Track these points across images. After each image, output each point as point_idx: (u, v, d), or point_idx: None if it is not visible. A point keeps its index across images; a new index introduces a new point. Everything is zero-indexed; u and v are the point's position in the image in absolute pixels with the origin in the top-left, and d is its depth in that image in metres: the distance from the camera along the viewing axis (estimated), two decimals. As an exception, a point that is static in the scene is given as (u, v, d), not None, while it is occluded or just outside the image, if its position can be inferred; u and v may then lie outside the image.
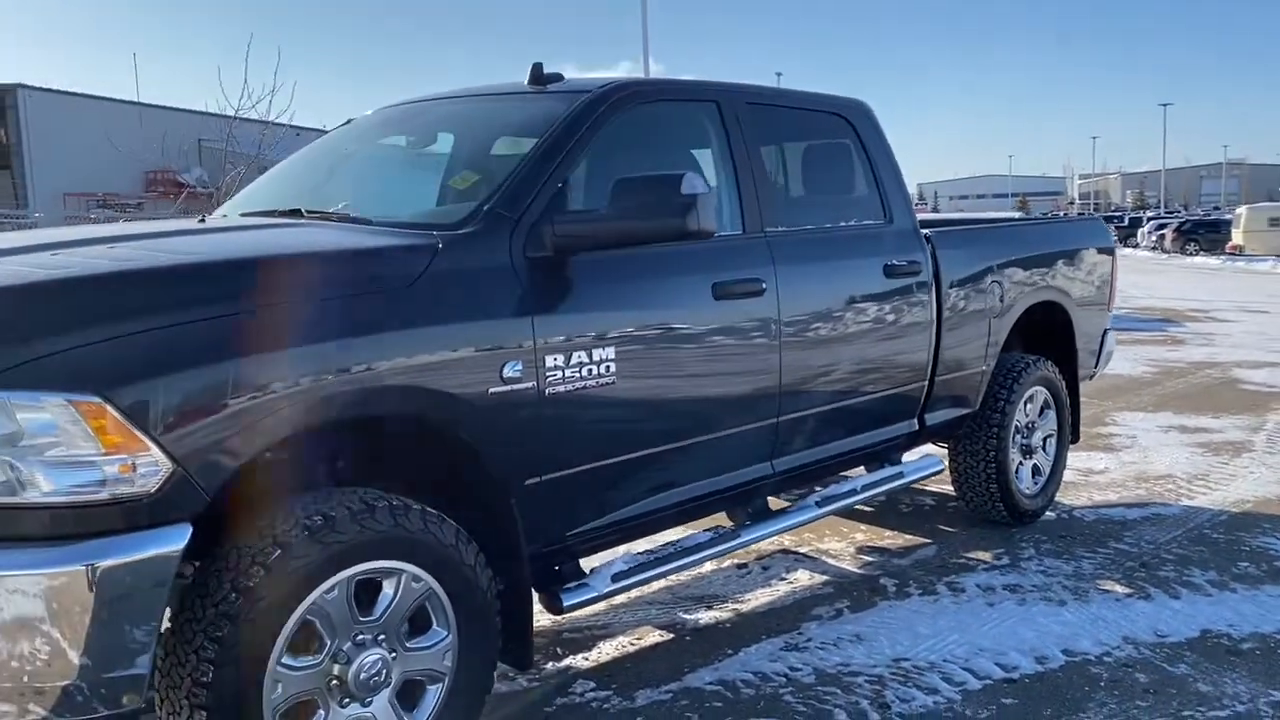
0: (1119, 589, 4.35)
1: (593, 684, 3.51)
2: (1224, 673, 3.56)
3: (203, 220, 3.33)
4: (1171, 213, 62.88)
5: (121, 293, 2.47)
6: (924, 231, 4.47)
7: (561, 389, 3.00)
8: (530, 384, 2.93)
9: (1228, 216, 43.59)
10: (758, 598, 4.30)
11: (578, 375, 3.04)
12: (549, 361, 2.97)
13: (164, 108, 33.59)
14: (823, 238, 3.99)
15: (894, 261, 4.20)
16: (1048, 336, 5.39)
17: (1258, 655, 3.70)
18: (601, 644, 3.84)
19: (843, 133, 4.31)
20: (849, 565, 4.69)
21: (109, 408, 2.22)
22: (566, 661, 3.68)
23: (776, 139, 3.99)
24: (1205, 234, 40.52)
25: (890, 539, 5.05)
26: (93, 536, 2.24)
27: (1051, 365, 5.30)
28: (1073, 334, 5.46)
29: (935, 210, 54.50)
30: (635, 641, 3.87)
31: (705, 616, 4.10)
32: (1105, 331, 5.83)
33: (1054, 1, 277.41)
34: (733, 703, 3.37)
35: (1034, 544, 4.94)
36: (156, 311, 2.39)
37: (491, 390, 2.84)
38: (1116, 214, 68.03)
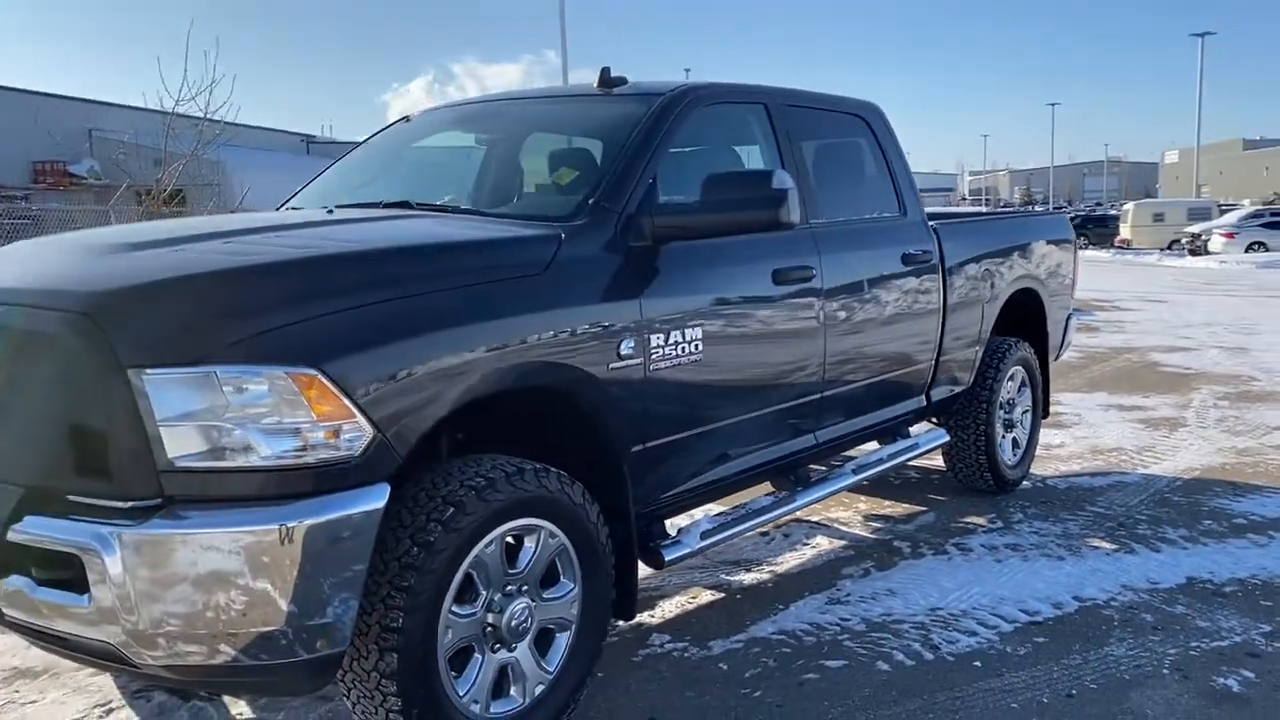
0: (1106, 545, 4.84)
1: (667, 637, 3.83)
2: (1215, 611, 4.05)
3: (331, 211, 3.54)
4: (1059, 208, 65.42)
5: (326, 275, 2.71)
6: (931, 224, 4.89)
7: (662, 365, 3.32)
8: (639, 360, 3.24)
9: (1114, 212, 45.71)
10: (788, 561, 4.67)
11: (674, 353, 3.36)
12: (653, 340, 3.28)
13: (51, 95, 32.45)
14: (855, 229, 4.37)
15: (910, 251, 4.61)
16: (1023, 321, 5.87)
17: (1240, 596, 4.21)
18: (661, 604, 4.16)
19: (861, 132, 4.71)
20: (861, 531, 5.09)
21: (322, 379, 2.46)
22: (635, 619, 3.99)
23: (810, 137, 4.34)
24: (1094, 228, 42.41)
25: (890, 508, 5.48)
26: (304, 497, 2.48)
27: (1028, 347, 5.79)
28: (1045, 318, 5.96)
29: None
30: (691, 600, 4.20)
31: (747, 578, 4.45)
32: (1069, 316, 6.36)
33: (951, 6, 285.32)
34: (799, 649, 3.73)
35: (1020, 510, 5.41)
36: (356, 291, 2.64)
37: (611, 366, 3.15)
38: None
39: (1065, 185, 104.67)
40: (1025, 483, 5.89)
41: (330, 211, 3.54)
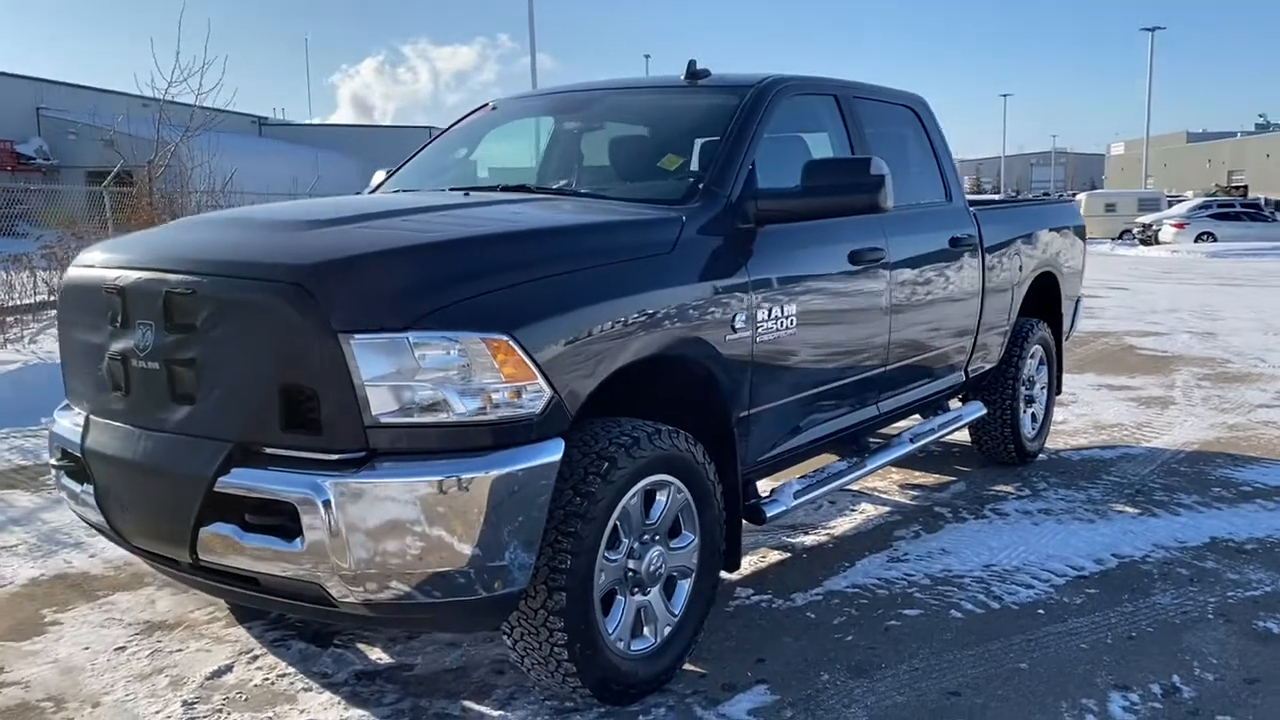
0: (1130, 509, 5.22)
1: (750, 590, 4.14)
2: (1242, 565, 4.44)
3: (467, 194, 3.78)
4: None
5: (506, 250, 2.98)
6: (971, 210, 5.23)
7: (765, 338, 3.62)
8: (749, 333, 3.53)
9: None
10: (841, 525, 4.99)
11: (774, 327, 3.66)
12: (759, 315, 3.58)
13: (-2, 74, 31.81)
14: (913, 213, 4.68)
15: (957, 234, 4.95)
16: (1041, 303, 6.23)
17: (1261, 553, 4.60)
18: (736, 562, 4.46)
19: (911, 121, 5.03)
20: (901, 499, 5.43)
21: (512, 344, 2.73)
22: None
23: (872, 126, 4.65)
24: (1048, 218, 43.20)
25: (922, 478, 5.82)
26: (493, 450, 2.74)
27: (1046, 327, 6.16)
28: (1060, 300, 6.34)
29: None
30: (762, 560, 4.50)
31: (808, 540, 4.77)
32: (1078, 300, 6.75)
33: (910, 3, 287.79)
34: (875, 600, 4.05)
35: (1043, 479, 5.79)
36: (533, 265, 2.91)
37: (727, 338, 3.44)
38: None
39: (1014, 175, 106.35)
40: (1041, 455, 6.27)
41: (466, 194, 3.79)
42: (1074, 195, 47.02)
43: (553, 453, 2.81)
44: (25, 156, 40.73)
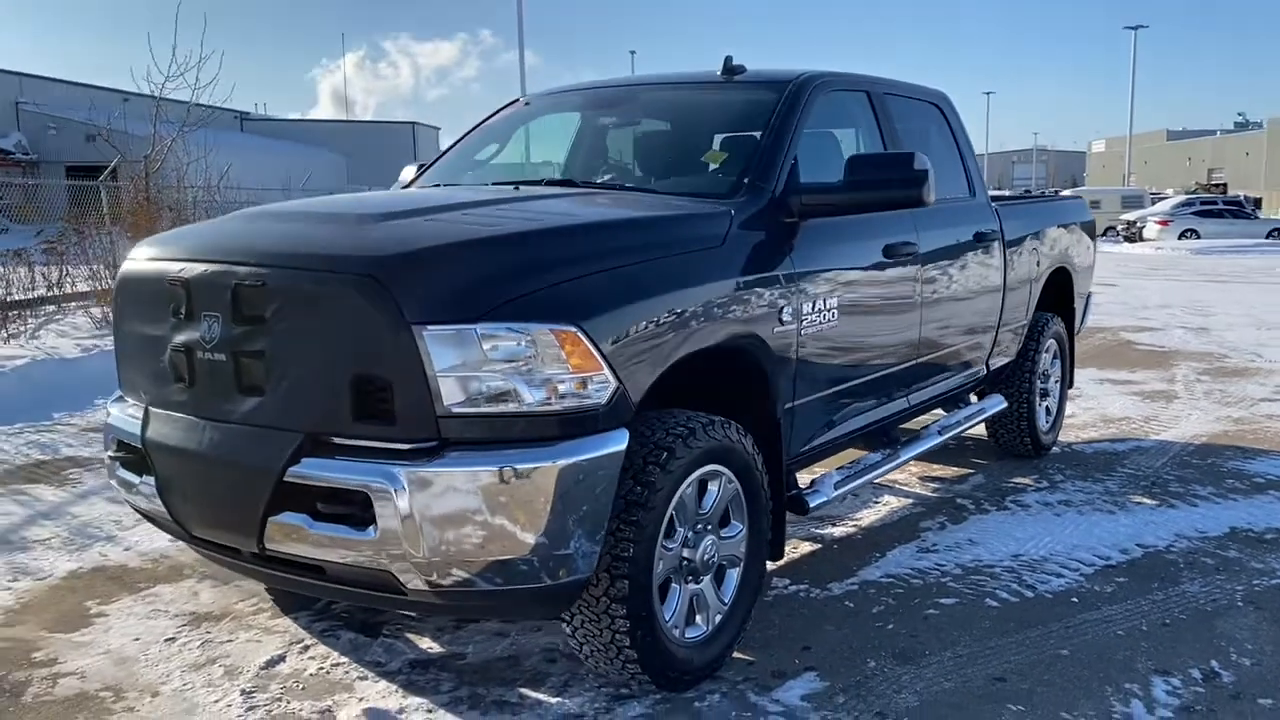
0: (1148, 501, 5.30)
1: (787, 580, 4.19)
2: (1265, 555, 4.52)
3: (517, 189, 3.81)
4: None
5: (571, 243, 3.02)
6: (993, 205, 5.29)
7: (809, 330, 3.67)
8: (794, 325, 3.58)
9: (1050, 199, 46.88)
10: (867, 517, 5.05)
11: (818, 320, 3.71)
12: (804, 308, 3.63)
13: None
14: (940, 209, 4.72)
15: (982, 230, 5.01)
16: (1055, 298, 6.31)
17: (1281, 543, 4.70)
18: (769, 553, 4.51)
19: (936, 118, 5.09)
20: (922, 491, 5.50)
21: (580, 335, 2.77)
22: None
23: (900, 122, 4.70)
24: (1032, 215, 43.49)
25: (940, 471, 5.89)
26: (561, 439, 2.78)
27: (1060, 322, 6.24)
28: (1073, 296, 6.42)
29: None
30: (794, 550, 4.55)
31: (837, 531, 4.83)
32: (1088, 296, 6.83)
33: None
34: (911, 589, 4.11)
35: (1059, 471, 5.87)
36: (597, 258, 2.95)
37: (775, 330, 3.49)
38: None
39: (995, 172, 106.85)
40: (1055, 448, 6.34)
41: (516, 188, 3.82)
42: (1057, 192, 47.24)
43: (618, 442, 2.85)
44: (4, 151, 40.41)
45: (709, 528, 3.28)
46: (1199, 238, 33.24)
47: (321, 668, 3.42)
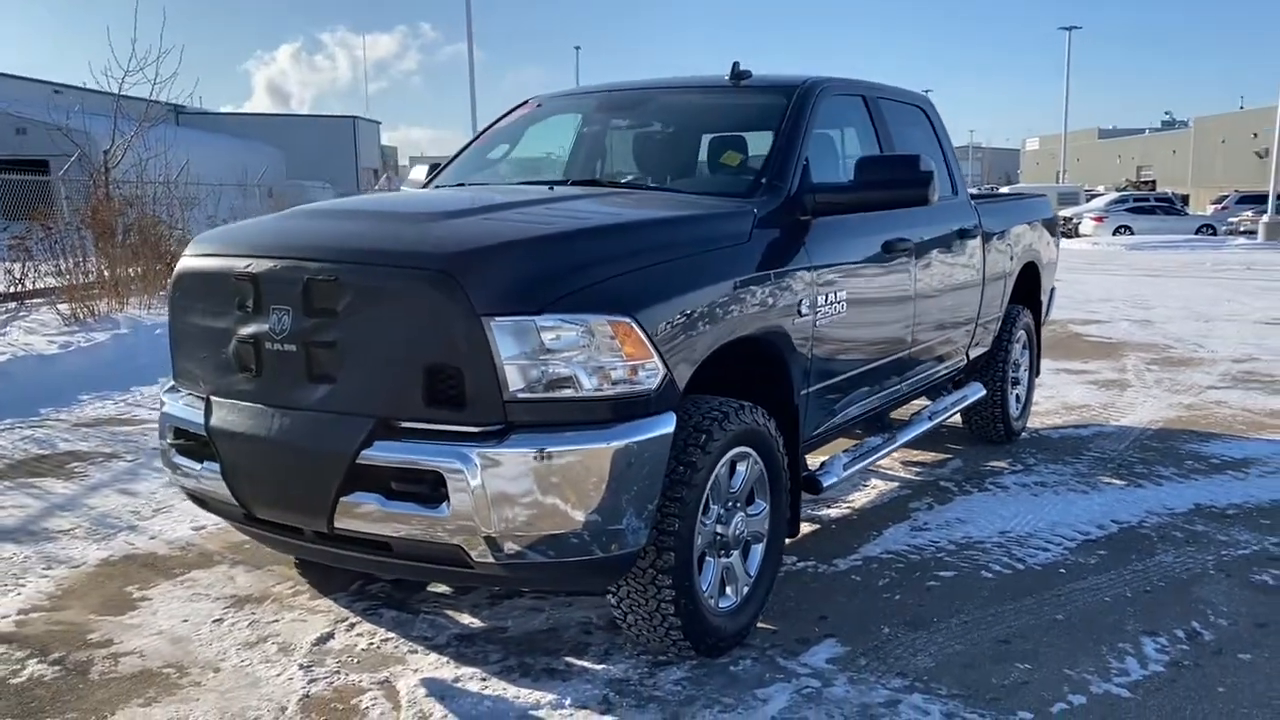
0: (1117, 481, 5.65)
1: (794, 558, 4.44)
2: (1228, 528, 4.88)
3: (552, 188, 4.01)
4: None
5: (620, 239, 3.23)
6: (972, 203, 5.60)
7: (823, 321, 3.93)
8: (810, 317, 3.84)
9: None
10: (858, 499, 5.33)
11: (830, 311, 3.97)
12: (818, 300, 3.88)
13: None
14: (930, 207, 5.01)
15: (964, 227, 5.32)
16: (1024, 291, 6.64)
17: (1241, 517, 5.05)
18: (772, 533, 4.77)
19: (921, 120, 5.38)
20: (905, 474, 5.80)
21: (634, 326, 2.99)
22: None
23: (893, 124, 4.98)
24: (972, 212, 44.47)
25: (920, 455, 6.20)
26: (616, 422, 3.00)
27: (1028, 313, 6.58)
28: (1039, 289, 6.77)
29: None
30: (797, 530, 4.81)
31: (833, 512, 5.10)
32: (1052, 289, 7.19)
33: None
34: (911, 564, 4.39)
35: (1031, 455, 6.21)
36: (644, 253, 3.17)
37: (795, 321, 3.74)
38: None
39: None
40: (1024, 434, 6.69)
41: (551, 188, 4.02)
42: (995, 189, 48.24)
43: (667, 425, 3.08)
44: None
45: (738, 505, 3.52)
46: (1133, 233, 34.27)
47: (371, 643, 3.60)
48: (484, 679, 3.34)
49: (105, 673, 3.39)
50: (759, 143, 4.20)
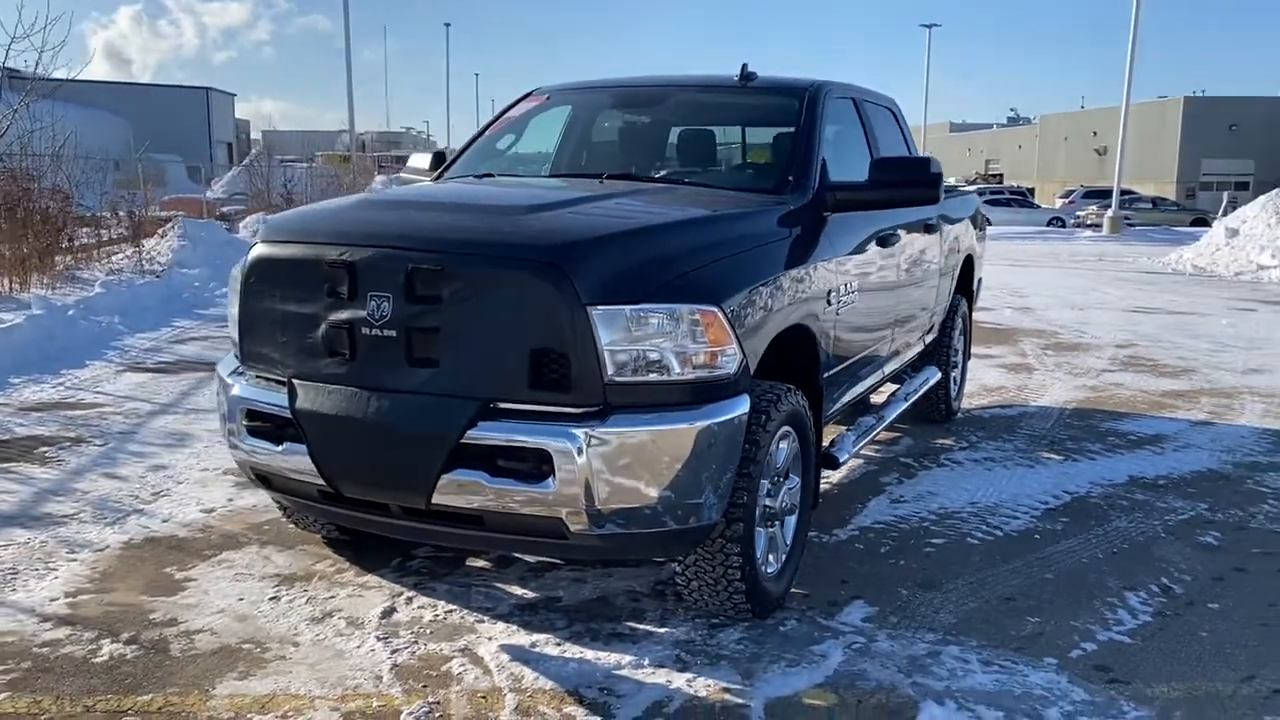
0: (1056, 456, 6.19)
1: (797, 529, 4.77)
2: (1164, 497, 5.44)
3: (602, 181, 4.20)
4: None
5: (699, 233, 3.48)
6: (931, 200, 6.03)
7: (843, 309, 4.26)
8: (834, 305, 4.17)
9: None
10: (834, 476, 5.69)
11: (847, 300, 4.31)
12: (840, 289, 4.21)
13: None
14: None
15: (929, 221, 5.74)
16: (962, 281, 7.14)
17: (1171, 486, 5.64)
18: (767, 507, 5.09)
19: (890, 119, 5.77)
20: (867, 452, 6.19)
21: (718, 314, 3.25)
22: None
23: (875, 124, 5.34)
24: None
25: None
26: (702, 404, 3.26)
27: (965, 302, 7.09)
28: (973, 279, 7.29)
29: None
30: (788, 504, 5.15)
31: (814, 487, 5.46)
32: (980, 280, 7.73)
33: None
34: (903, 533, 4.78)
35: (971, 434, 6.71)
36: (718, 246, 3.44)
37: (824, 309, 4.06)
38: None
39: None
40: (959, 414, 7.21)
41: (602, 181, 4.21)
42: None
43: (744, 407, 3.36)
44: None
45: (781, 480, 3.82)
46: (990, 224, 35.95)
47: (436, 615, 3.76)
48: (559, 644, 3.56)
49: (186, 649, 3.47)
50: (784, 141, 4.49)
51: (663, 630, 3.69)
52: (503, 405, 3.19)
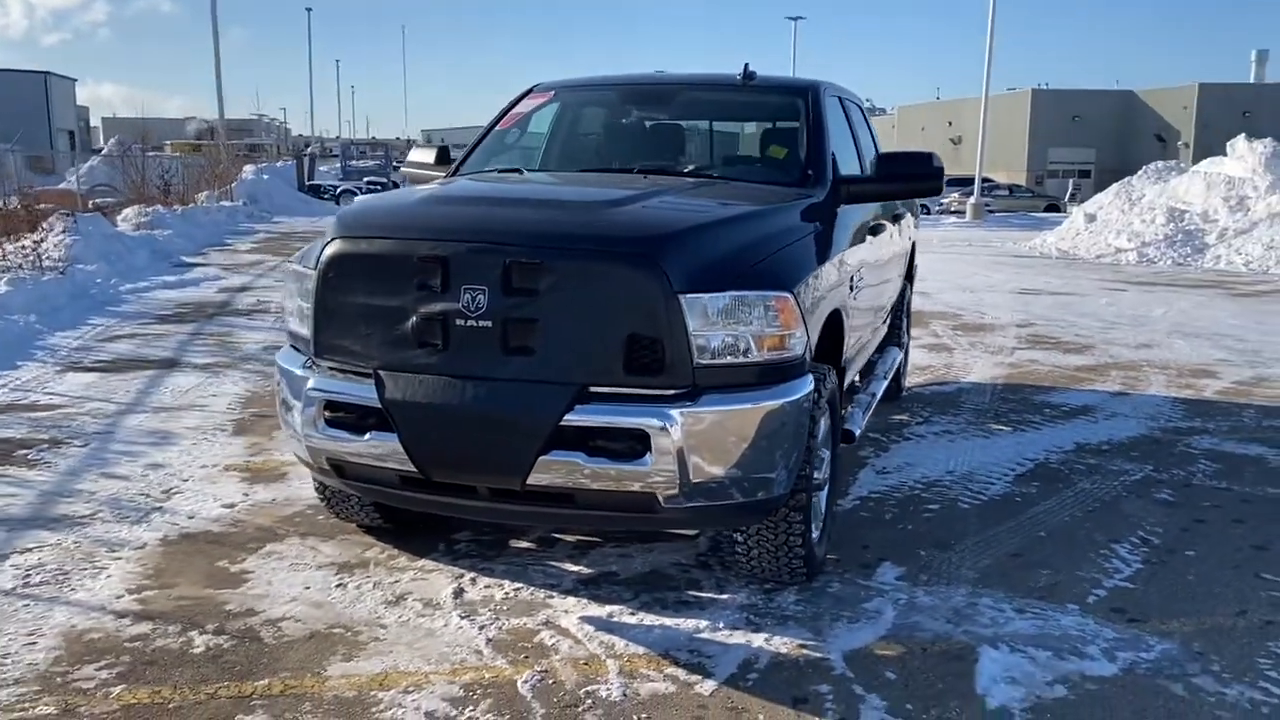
0: (1004, 428, 6.69)
1: (802, 502, 5.09)
2: (1113, 460, 5.98)
3: (645, 176, 4.38)
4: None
5: (765, 224, 3.73)
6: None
7: (858, 295, 4.59)
8: (854, 292, 4.49)
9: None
10: (812, 450, 6.05)
11: (859, 285, 4.64)
12: (855, 276, 4.54)
13: None
14: (883, 192, 5.79)
15: (897, 211, 6.13)
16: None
17: (1115, 451, 6.18)
18: (767, 482, 5.40)
19: (861, 118, 6.13)
20: (834, 428, 6.58)
21: (791, 300, 3.52)
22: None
23: (854, 122, 5.68)
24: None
25: (833, 412, 7.01)
26: (777, 383, 3.53)
27: (909, 286, 7.55)
28: (913, 264, 7.75)
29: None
30: (784, 479, 5.46)
31: (801, 462, 5.79)
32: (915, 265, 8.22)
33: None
34: (900, 501, 5.15)
35: (921, 409, 7.17)
36: (781, 236, 3.70)
37: (847, 293, 4.38)
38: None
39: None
40: (904, 392, 7.67)
41: (645, 176, 4.41)
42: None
43: (810, 386, 3.64)
44: None
45: (821, 454, 4.12)
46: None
47: (506, 593, 3.93)
48: (633, 613, 3.78)
49: (278, 636, 3.55)
50: (794, 137, 4.78)
51: (724, 596, 3.94)
52: (596, 389, 3.39)
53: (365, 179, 38.82)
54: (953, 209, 36.25)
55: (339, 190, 36.21)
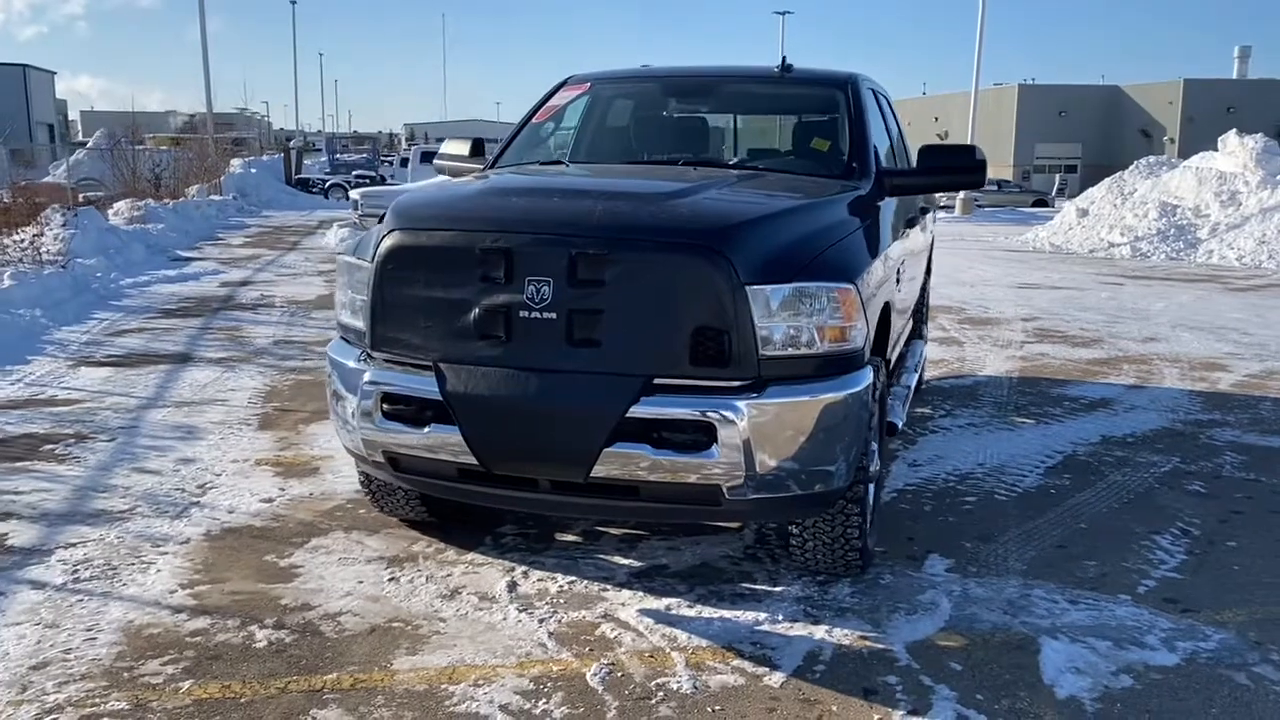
0: (1027, 421, 6.71)
1: (840, 494, 5.09)
2: (1140, 453, 6.00)
3: (696, 168, 4.37)
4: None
5: (823, 216, 3.73)
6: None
7: (901, 288, 4.59)
8: (899, 285, 4.50)
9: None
10: (841, 443, 6.06)
11: (901, 279, 4.65)
12: (898, 269, 4.54)
13: None
14: (911, 185, 5.80)
15: (925, 204, 6.14)
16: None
17: (1141, 443, 6.21)
18: (801, 475, 5.39)
19: (887, 108, 6.13)
20: (859, 422, 6.58)
21: (853, 291, 3.52)
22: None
23: (885, 113, 5.68)
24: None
25: (855, 406, 7.02)
26: (840, 374, 3.52)
27: (928, 280, 7.57)
28: (931, 259, 7.77)
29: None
30: (818, 472, 5.47)
31: (832, 455, 5.79)
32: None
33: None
34: (936, 494, 5.16)
35: (942, 403, 7.18)
36: (838, 228, 3.70)
37: (893, 286, 4.38)
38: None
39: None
40: (923, 385, 7.68)
41: (695, 168, 4.39)
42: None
43: (870, 377, 3.64)
44: None
45: (873, 446, 4.12)
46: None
47: (560, 586, 3.92)
48: (690, 605, 3.77)
49: (340, 630, 3.53)
50: (834, 128, 4.78)
51: (778, 589, 3.94)
52: (660, 381, 3.37)
53: (354, 173, 38.61)
54: (942, 203, 36.30)
55: (328, 184, 36.03)
